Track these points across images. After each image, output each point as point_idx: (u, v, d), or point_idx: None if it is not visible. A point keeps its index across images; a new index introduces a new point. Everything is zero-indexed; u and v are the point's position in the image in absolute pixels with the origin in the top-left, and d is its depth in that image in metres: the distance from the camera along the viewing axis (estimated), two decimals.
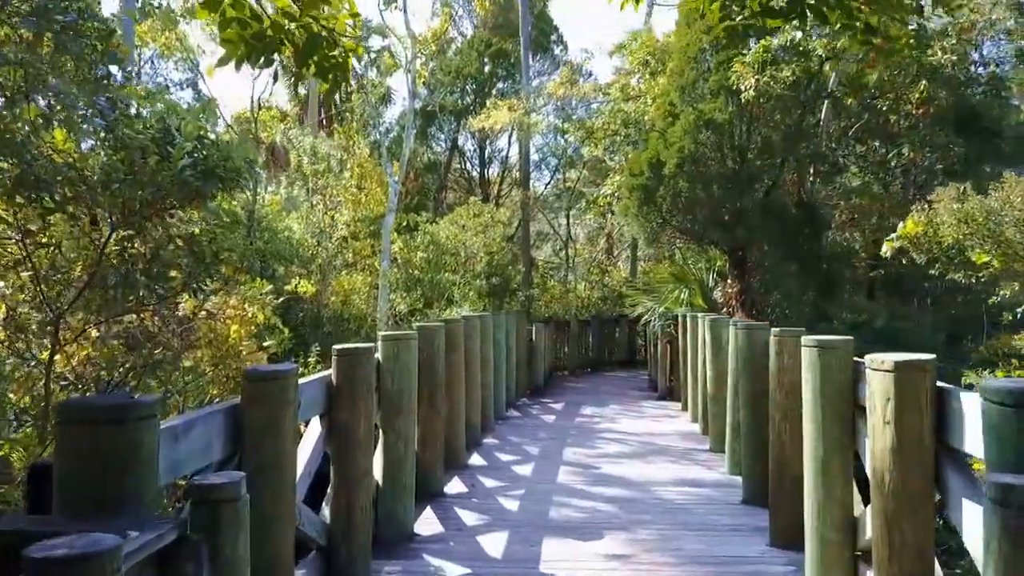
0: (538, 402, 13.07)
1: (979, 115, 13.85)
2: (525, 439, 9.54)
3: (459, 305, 12.42)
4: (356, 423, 4.73)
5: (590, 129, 15.37)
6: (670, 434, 9.96)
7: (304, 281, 12.78)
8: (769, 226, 11.52)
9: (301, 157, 16.14)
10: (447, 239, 13.31)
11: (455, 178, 24.26)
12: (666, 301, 13.62)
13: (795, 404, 5.44)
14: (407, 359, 5.77)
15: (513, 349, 12.49)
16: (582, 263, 22.12)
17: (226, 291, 6.03)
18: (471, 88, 22.17)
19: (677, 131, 11.40)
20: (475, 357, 9.17)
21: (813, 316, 11.44)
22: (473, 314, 10.14)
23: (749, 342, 6.62)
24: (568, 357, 17.46)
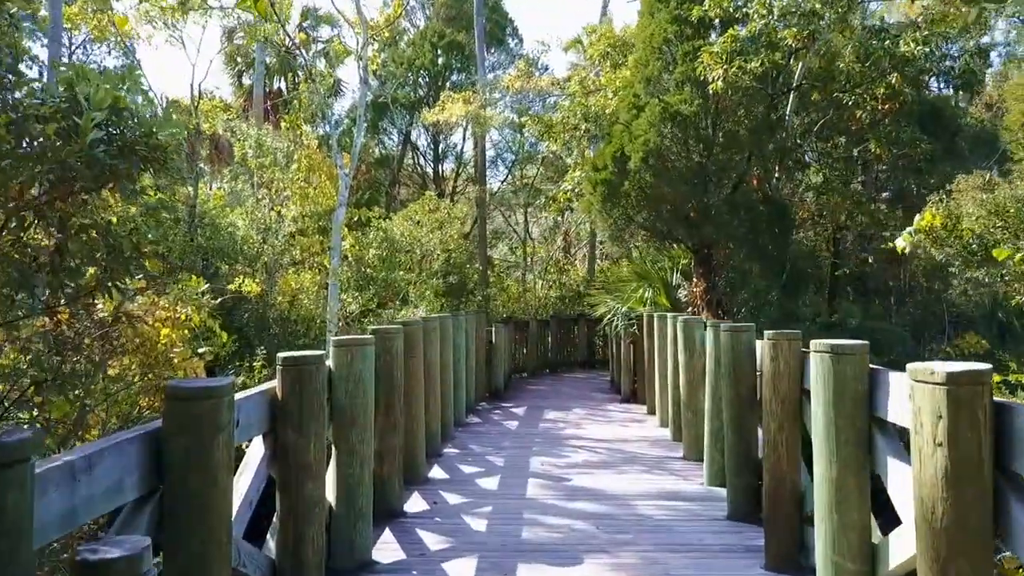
0: (499, 407, 12.49)
1: (940, 112, 13.76)
2: (488, 448, 8.96)
3: (415, 305, 11.78)
4: (305, 444, 4.09)
5: (549, 124, 14.83)
6: (639, 440, 9.49)
7: (248, 280, 11.99)
8: (736, 223, 11.14)
9: (246, 150, 15.29)
10: (401, 236, 12.65)
11: (408, 174, 23.52)
12: (629, 300, 13.18)
13: (792, 413, 4.99)
14: (362, 367, 5.14)
15: (473, 351, 11.91)
16: (539, 262, 21.61)
17: (155, 291, 5.32)
18: (424, 81, 21.49)
19: (642, 124, 10.94)
20: (435, 361, 8.56)
21: (781, 316, 11.11)
22: (432, 315, 9.51)
23: (733, 345, 6.14)
24: (527, 358, 16.92)
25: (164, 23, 12.89)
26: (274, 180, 14.22)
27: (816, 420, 4.00)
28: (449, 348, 9.68)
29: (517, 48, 22.86)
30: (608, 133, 12.22)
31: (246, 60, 21.26)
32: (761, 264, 11.91)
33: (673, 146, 11.00)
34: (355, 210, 12.89)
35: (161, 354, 5.07)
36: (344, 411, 5.03)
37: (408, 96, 21.01)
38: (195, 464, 2.82)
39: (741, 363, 6.10)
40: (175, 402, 2.84)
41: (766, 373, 5.09)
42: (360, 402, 5.12)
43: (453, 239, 13.45)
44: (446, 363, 9.46)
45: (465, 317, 11.34)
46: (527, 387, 15.17)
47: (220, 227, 14.17)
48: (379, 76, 20.38)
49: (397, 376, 6.43)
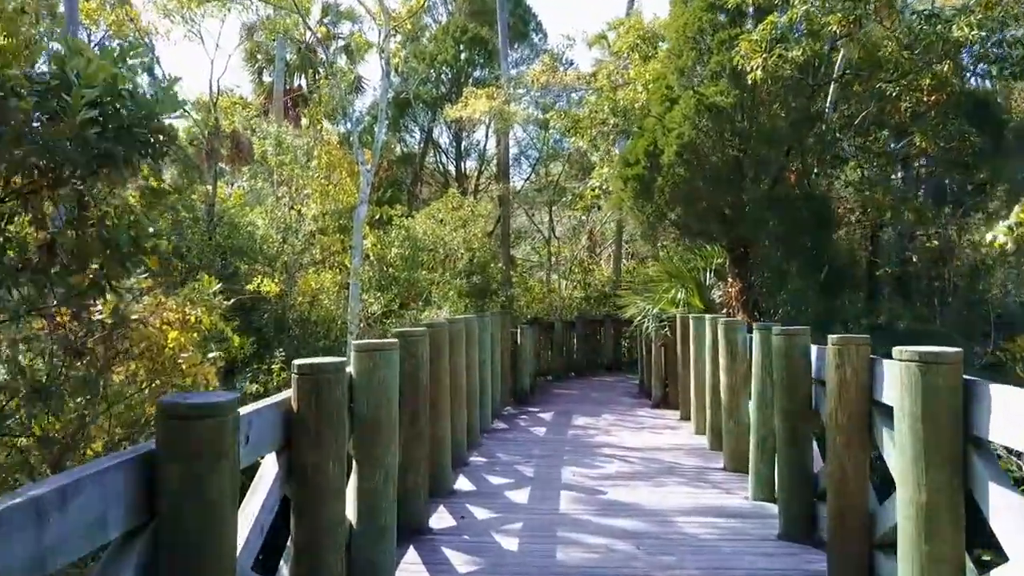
0: (525, 411, 12.05)
1: (986, 105, 13.12)
2: (516, 457, 8.52)
3: (438, 306, 11.36)
4: (324, 462, 3.68)
5: (575, 119, 14.37)
6: (675, 449, 9.00)
7: (267, 280, 11.66)
8: (775, 221, 10.62)
9: (265, 147, 14.98)
10: (424, 234, 12.25)
11: (430, 172, 23.14)
12: (660, 302, 12.68)
13: (860, 427, 4.51)
14: (386, 374, 4.71)
15: (498, 354, 11.47)
16: (563, 261, 21.16)
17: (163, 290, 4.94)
18: (446, 77, 21.10)
19: (676, 116, 10.46)
20: (461, 365, 8.13)
21: (822, 317, 10.57)
22: (457, 316, 9.08)
23: (787, 349, 5.65)
24: (553, 361, 16.45)
25: (182, 17, 12.58)
26: (294, 178, 13.89)
27: (901, 438, 3.51)
28: (475, 350, 9.25)
29: (541, 43, 22.43)
30: (639, 127, 11.74)
31: (266, 57, 20.99)
32: (800, 263, 11.37)
33: (708, 140, 10.51)
34: (377, 208, 12.51)
35: (169, 359, 4.68)
36: (367, 422, 4.61)
37: (430, 93, 20.63)
38: (193, 495, 2.40)
39: (796, 370, 5.61)
40: (170, 422, 2.42)
41: (831, 382, 4.61)
42: (384, 412, 4.70)
43: (477, 238, 13.03)
44: (472, 366, 9.03)
45: (491, 318, 10.90)
46: (553, 391, 14.71)
47: (239, 226, 13.86)
48: (401, 72, 20.03)
49: (423, 382, 6.01)
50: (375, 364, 4.67)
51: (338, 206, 12.34)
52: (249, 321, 12.88)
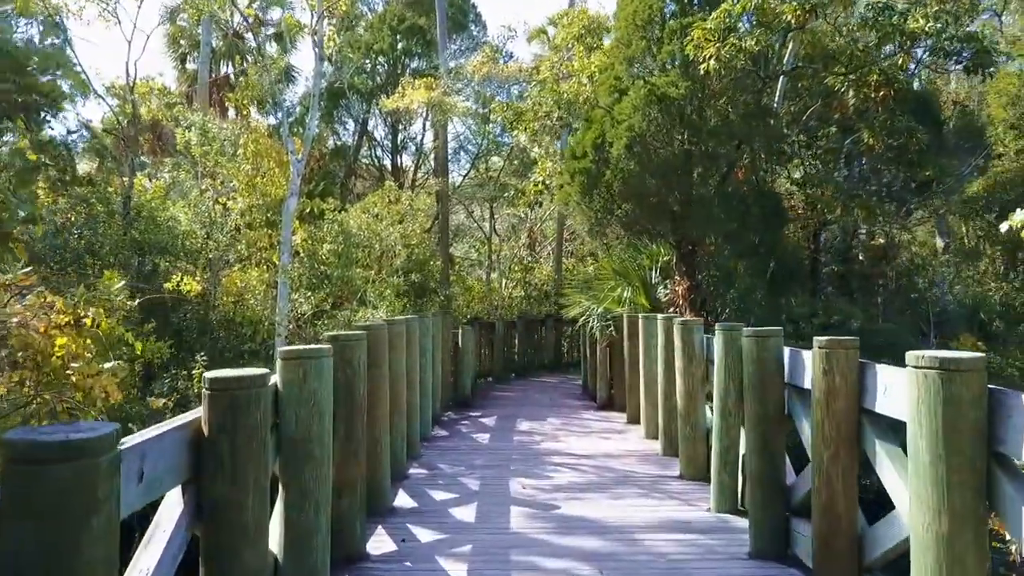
0: (466, 416, 11.46)
1: (928, 103, 13.13)
2: (460, 467, 7.93)
3: (373, 306, 10.68)
4: (241, 497, 3.03)
5: (518, 111, 13.84)
6: (627, 455, 8.56)
7: (188, 278, 10.78)
8: (725, 217, 10.30)
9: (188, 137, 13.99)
10: (359, 229, 11.53)
11: (365, 166, 22.29)
12: (605, 300, 12.26)
13: (849, 439, 4.09)
14: (318, 385, 4.08)
15: (439, 357, 10.87)
16: (503, 260, 20.62)
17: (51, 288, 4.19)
18: (383, 68, 20.31)
19: (626, 108, 10.02)
20: (401, 371, 7.50)
21: (771, 316, 10.29)
22: (396, 317, 8.44)
23: (759, 353, 5.21)
24: (494, 362, 15.90)
25: None
26: (220, 170, 12.97)
27: (917, 457, 3.07)
28: (416, 354, 8.63)
29: (480, 35, 21.83)
30: (587, 119, 11.28)
31: (191, 42, 19.82)
32: (749, 261, 11.10)
33: (659, 133, 10.11)
34: (308, 201, 11.73)
35: (57, 369, 3.95)
36: (295, 443, 3.98)
37: (365, 83, 19.80)
38: (52, 567, 1.75)
39: (767, 374, 5.18)
40: (14, 467, 1.77)
41: (817, 390, 4.18)
42: (316, 430, 4.07)
43: (416, 233, 12.37)
44: (412, 371, 8.42)
45: (432, 319, 10.29)
46: (495, 393, 14.16)
47: (159, 221, 12.88)
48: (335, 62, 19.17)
49: (359, 392, 5.37)
50: (305, 374, 4.03)
51: (266, 199, 11.51)
52: (169, 322, 11.96)
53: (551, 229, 21.86)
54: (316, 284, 10.41)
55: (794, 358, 5.11)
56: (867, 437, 4.03)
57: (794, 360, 5.10)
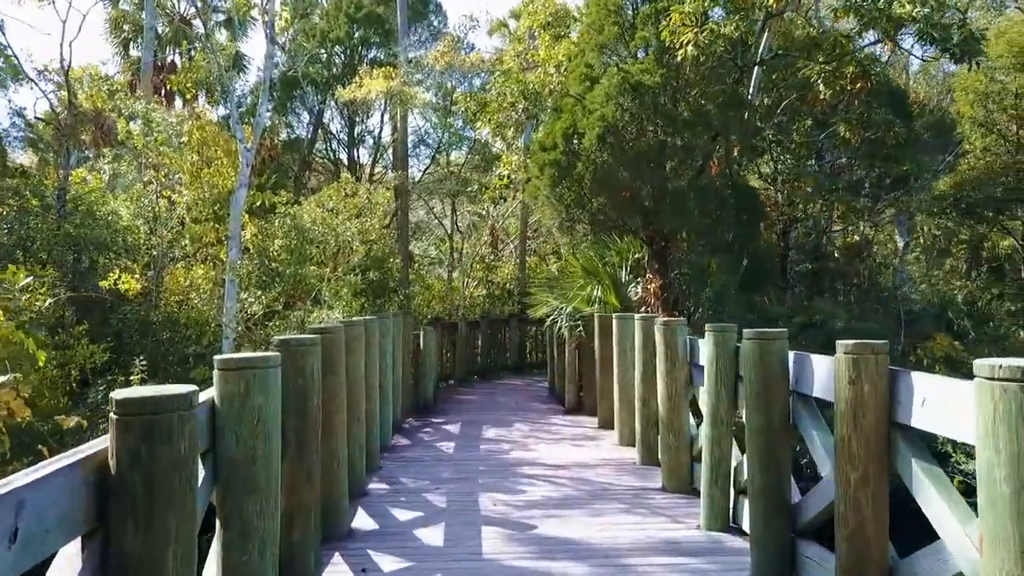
0: (428, 423, 10.82)
1: (901, 98, 12.89)
2: (423, 481, 7.30)
3: (329, 306, 9.98)
4: (159, 550, 2.38)
5: (482, 102, 13.23)
6: (603, 465, 8.02)
7: (126, 276, 9.95)
8: (700, 212, 9.84)
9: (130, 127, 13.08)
10: (313, 224, 10.80)
11: (320, 160, 21.43)
12: (574, 299, 11.72)
13: (880, 457, 3.58)
14: (264, 400, 3.44)
15: (400, 359, 10.22)
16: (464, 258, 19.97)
17: None
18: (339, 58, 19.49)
19: (598, 96, 9.50)
20: (359, 377, 6.84)
21: (748, 316, 9.88)
22: (353, 318, 7.78)
23: (762, 357, 4.70)
24: (456, 364, 15.27)
25: None
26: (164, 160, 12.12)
27: (994, 487, 2.55)
28: (375, 358, 7.97)
29: (441, 25, 21.14)
30: (556, 108, 10.72)
31: (134, 26, 18.75)
32: (723, 258, 10.67)
33: (632, 123, 9.60)
34: (258, 194, 10.96)
35: None
36: (236, 470, 3.33)
37: (320, 73, 18.97)
38: None
39: (773, 381, 4.67)
40: None
41: (842, 402, 3.66)
42: (262, 453, 3.42)
43: (374, 229, 11.67)
44: (372, 377, 7.76)
45: (392, 320, 9.62)
46: (458, 397, 13.54)
47: (97, 215, 11.99)
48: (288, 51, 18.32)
49: (313, 403, 4.72)
50: (247, 387, 3.39)
51: (214, 192, 10.71)
52: (106, 324, 11.09)
53: (514, 227, 21.29)
54: (267, 282, 9.68)
55: (801, 363, 4.61)
56: (900, 455, 3.53)
57: (801, 365, 4.60)
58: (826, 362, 4.27)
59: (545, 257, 21.76)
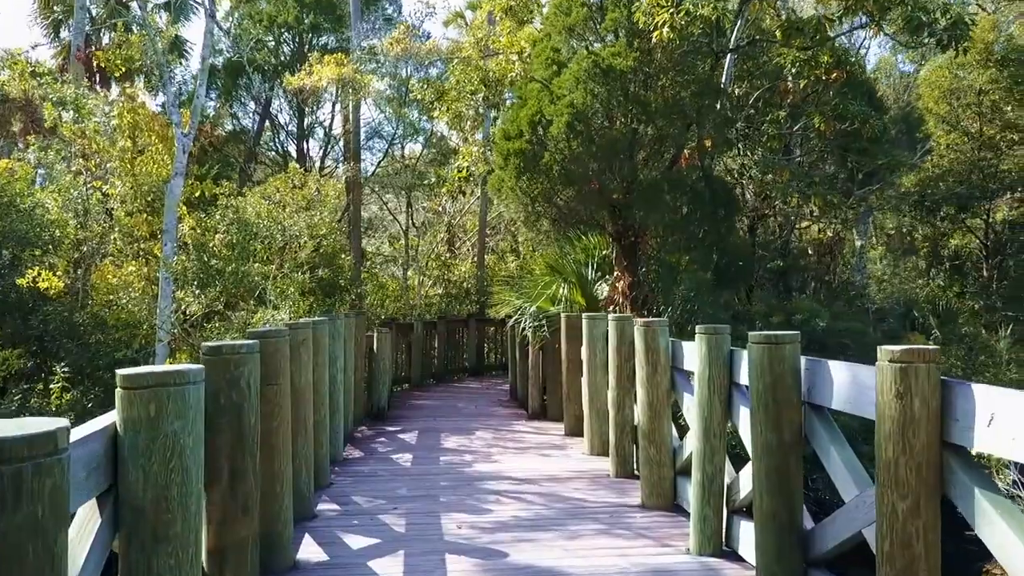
0: (383, 431, 10.07)
1: (872, 92, 12.56)
2: (379, 500, 6.57)
3: (275, 306, 9.19)
4: None
5: (440, 89, 12.52)
6: (574, 478, 7.39)
7: (46, 273, 9.01)
8: (674, 206, 9.29)
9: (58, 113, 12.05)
10: (258, 217, 9.97)
11: (267, 152, 20.42)
12: (539, 299, 11.10)
13: (933, 484, 3.00)
14: (181, 425, 2.73)
15: (352, 364, 9.46)
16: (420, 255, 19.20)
17: None
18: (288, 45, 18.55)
19: (567, 80, 8.89)
20: (306, 385, 6.09)
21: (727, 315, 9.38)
22: (300, 320, 7.01)
23: (771, 364, 4.12)
24: (411, 367, 14.52)
25: None
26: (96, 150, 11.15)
27: None
28: (324, 363, 7.21)
29: (395, 13, 20.33)
30: (519, 96, 10.07)
31: (65, 6, 17.54)
32: (695, 255, 10.15)
33: (603, 110, 9.01)
34: (197, 184, 10.08)
35: None
36: (142, 514, 2.60)
37: (267, 59, 18.01)
38: None
39: (784, 391, 4.09)
40: None
41: (888, 420, 3.07)
42: (177, 492, 2.71)
43: (325, 223, 10.88)
44: (320, 383, 7.00)
45: (344, 321, 8.87)
46: (414, 402, 12.80)
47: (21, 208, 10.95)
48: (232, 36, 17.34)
49: (250, 421, 3.99)
50: (159, 411, 2.67)
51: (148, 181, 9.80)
52: (25, 326, 10.10)
53: (472, 223, 20.60)
54: (206, 280, 8.83)
55: (815, 370, 4.04)
56: (957, 483, 2.96)
57: (815, 373, 4.04)
58: (851, 370, 3.71)
59: (504, 255, 21.12)
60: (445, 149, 18.84)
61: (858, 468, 3.76)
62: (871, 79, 12.93)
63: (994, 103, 15.47)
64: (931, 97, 15.48)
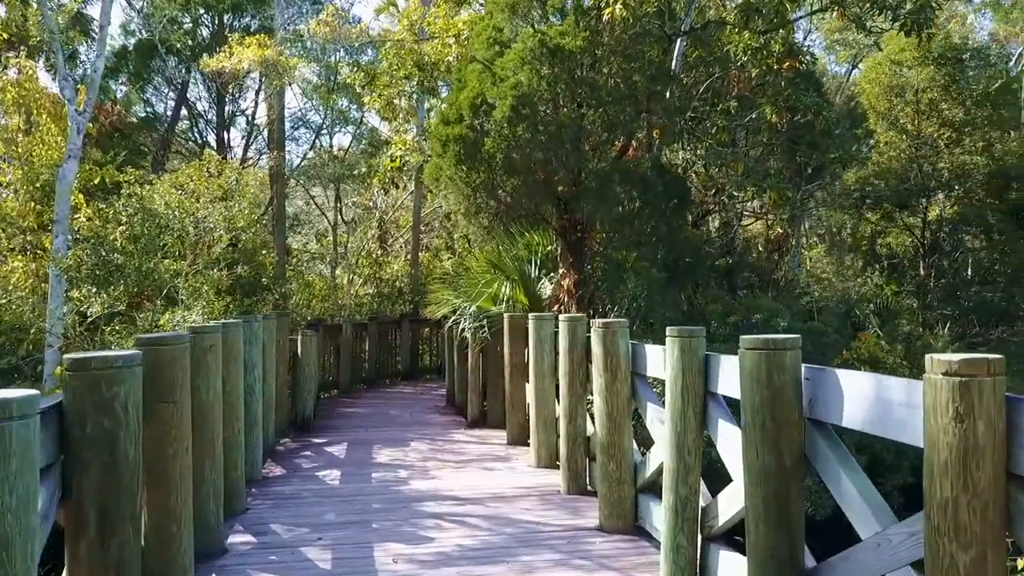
0: (308, 444, 9.18)
1: (819, 84, 12.26)
2: (302, 528, 5.73)
3: (186, 306, 8.21)
4: None
5: (371, 73, 11.66)
6: (523, 496, 6.68)
7: None
8: (625, 199, 8.69)
9: None
10: (167, 208, 8.94)
11: (184, 141, 19.06)
12: (479, 298, 10.36)
13: (1000, 528, 2.39)
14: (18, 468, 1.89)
15: (273, 370, 8.55)
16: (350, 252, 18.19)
17: None
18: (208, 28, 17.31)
19: (511, 60, 8.19)
20: (214, 399, 5.21)
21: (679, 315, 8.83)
22: (211, 324, 6.10)
23: (769, 373, 3.48)
24: (340, 372, 13.59)
25: None
26: None
27: None
28: (239, 371, 6.32)
29: None
30: (459, 79, 9.31)
31: None
32: (645, 251, 9.58)
33: (549, 93, 8.34)
34: (97, 169, 8.99)
35: None
36: None
37: (183, 40, 16.74)
38: None
39: (786, 407, 3.46)
40: None
41: (942, 447, 2.44)
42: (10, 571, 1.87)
43: (244, 215, 9.89)
44: (234, 396, 6.11)
45: (263, 323, 7.95)
46: (342, 409, 11.90)
47: None
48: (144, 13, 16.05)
49: (128, 455, 3.13)
50: None
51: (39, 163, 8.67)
52: None
53: (405, 219, 19.71)
54: (106, 279, 7.79)
55: (819, 381, 3.43)
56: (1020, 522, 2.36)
57: (819, 384, 3.42)
58: (873, 383, 3.08)
59: (439, 252, 20.30)
60: (377, 141, 17.93)
61: (878, 500, 3.15)
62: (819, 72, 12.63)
63: (932, 101, 15.46)
64: (871, 94, 15.37)
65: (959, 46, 15.59)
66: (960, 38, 15.83)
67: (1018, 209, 15.14)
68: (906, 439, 2.84)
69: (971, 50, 15.65)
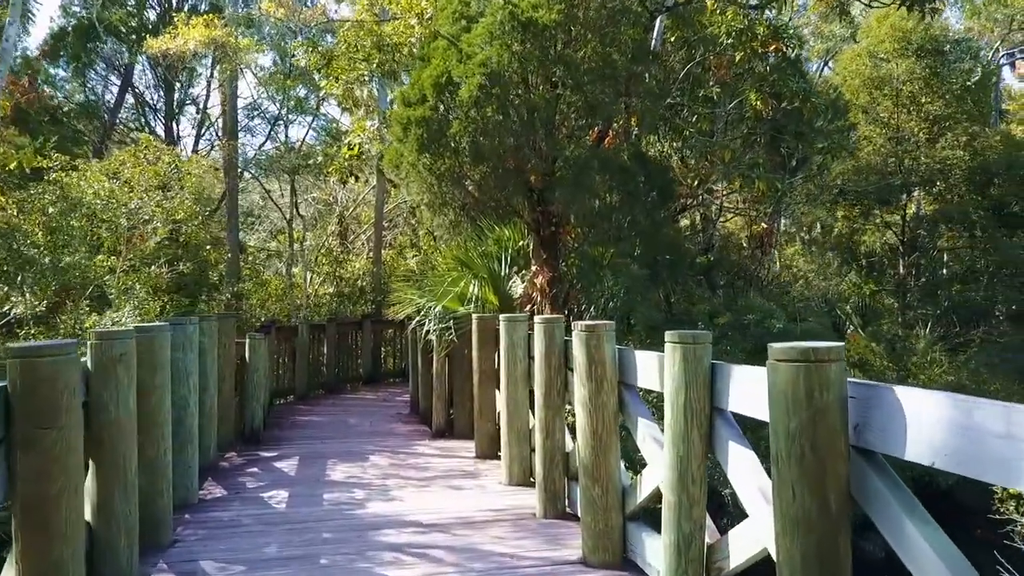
0: (255, 458, 8.31)
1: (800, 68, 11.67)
2: (236, 567, 4.89)
3: (116, 307, 7.32)
4: None
5: (329, 55, 10.80)
6: (494, 521, 5.91)
7: None
8: (605, 190, 7.97)
9: None
10: (97, 198, 8.01)
11: (128, 131, 17.94)
12: (446, 297, 9.58)
13: None
14: None
15: (214, 378, 7.67)
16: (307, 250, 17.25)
17: None
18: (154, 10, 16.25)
19: (480, 35, 7.43)
20: (126, 417, 4.36)
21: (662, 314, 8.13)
22: (127, 328, 5.24)
23: (808, 391, 2.75)
24: (295, 377, 12.69)
25: None
26: None
27: None
28: (165, 383, 5.44)
29: None
30: (422, 57, 8.52)
31: None
32: (624, 247, 8.88)
33: (520, 71, 7.58)
34: (11, 152, 8.03)
35: None
36: None
37: (126, 21, 15.68)
38: None
39: (829, 434, 2.74)
40: None
41: None
42: None
43: (185, 207, 8.98)
44: (159, 411, 5.25)
45: (204, 326, 7.08)
46: (298, 418, 11.02)
47: None
48: None
49: None
50: None
51: None
52: None
53: (367, 215, 18.81)
54: (15, 275, 6.86)
55: (869, 400, 2.72)
56: None
57: (869, 403, 2.71)
58: (954, 405, 2.37)
59: (403, 250, 19.45)
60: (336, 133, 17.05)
61: (958, 559, 2.43)
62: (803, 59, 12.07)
63: (912, 94, 15.02)
64: (851, 87, 14.88)
65: (939, 37, 15.16)
66: (940, 30, 15.37)
67: (1000, 206, 14.76)
68: (1012, 483, 2.14)
69: (951, 41, 15.24)
